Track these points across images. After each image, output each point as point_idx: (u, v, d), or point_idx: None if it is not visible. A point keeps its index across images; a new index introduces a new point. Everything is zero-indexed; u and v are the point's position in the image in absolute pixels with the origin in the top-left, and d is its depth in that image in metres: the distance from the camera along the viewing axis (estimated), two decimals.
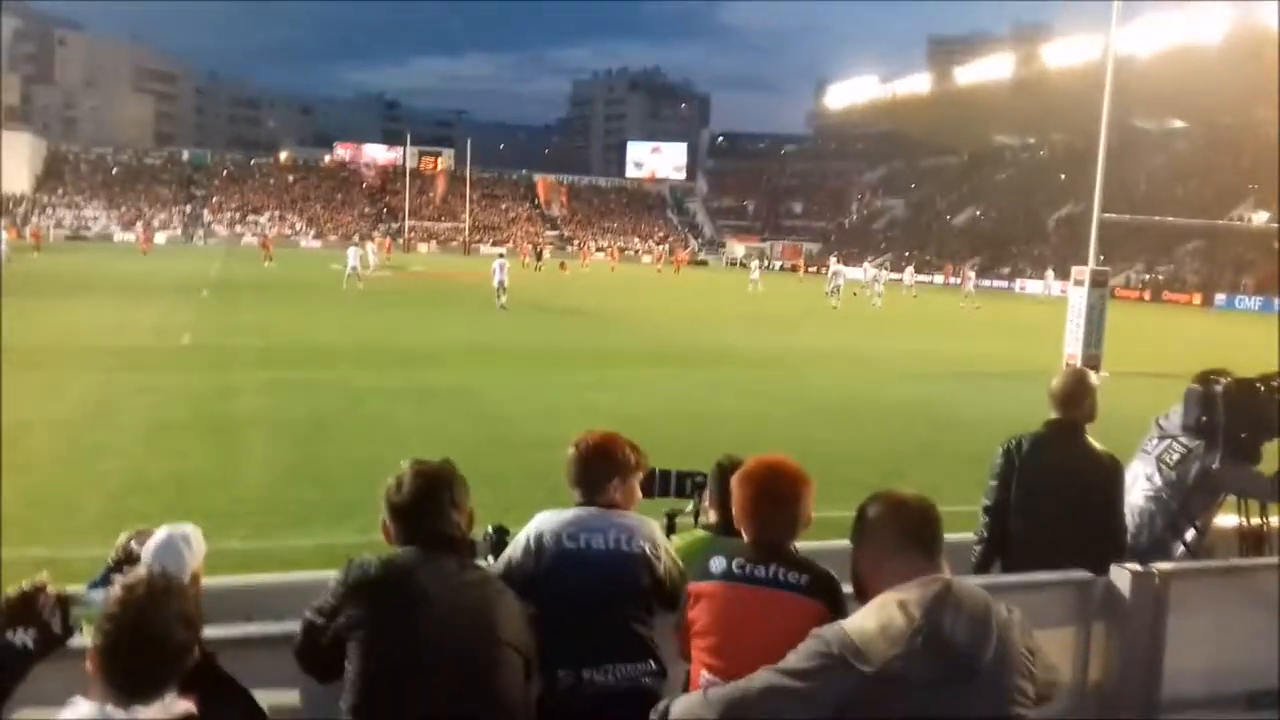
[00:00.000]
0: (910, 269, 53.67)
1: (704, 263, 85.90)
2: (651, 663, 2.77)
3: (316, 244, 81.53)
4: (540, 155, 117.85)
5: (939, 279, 63.20)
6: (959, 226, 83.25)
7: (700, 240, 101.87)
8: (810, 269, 77.41)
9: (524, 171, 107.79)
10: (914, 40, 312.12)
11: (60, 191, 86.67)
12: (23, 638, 2.17)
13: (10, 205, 77.83)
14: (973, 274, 50.21)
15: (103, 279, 34.76)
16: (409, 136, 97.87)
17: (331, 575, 2.48)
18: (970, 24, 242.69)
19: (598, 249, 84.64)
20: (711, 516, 3.32)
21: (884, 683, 2.06)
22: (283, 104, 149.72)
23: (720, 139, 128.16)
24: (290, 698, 2.62)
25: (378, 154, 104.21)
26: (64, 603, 2.26)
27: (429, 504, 2.55)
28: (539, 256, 66.49)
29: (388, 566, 2.46)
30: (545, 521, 2.87)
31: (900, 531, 2.28)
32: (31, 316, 20.71)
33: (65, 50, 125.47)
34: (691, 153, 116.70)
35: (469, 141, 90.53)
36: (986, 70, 75.64)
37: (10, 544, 5.98)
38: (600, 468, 2.95)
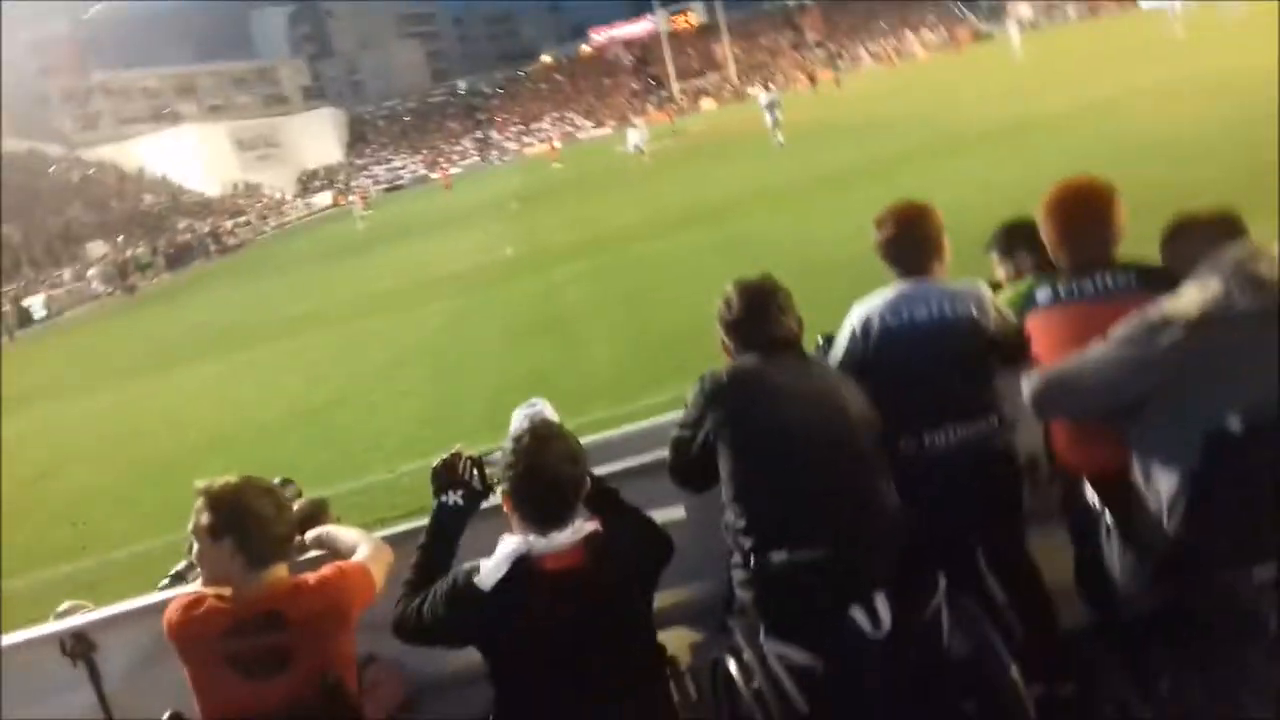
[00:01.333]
0: None
1: (988, 35, 79.40)
2: (995, 419, 2.83)
3: (600, 133, 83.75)
4: None
5: None
6: None
7: (978, 10, 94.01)
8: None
9: (776, 1, 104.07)
10: None
11: (368, 151, 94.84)
12: (453, 497, 2.62)
13: (333, 177, 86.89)
14: None
15: (423, 218, 38.03)
16: (655, 2, 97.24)
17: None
18: None
19: (870, 55, 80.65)
20: (1000, 273, 3.38)
21: (1206, 325, 2.25)
22: (531, 10, 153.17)
23: None
24: (676, 513, 2.92)
25: (629, 29, 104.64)
26: (479, 464, 2.68)
27: (759, 312, 2.73)
28: (812, 81, 64.58)
29: (737, 370, 2.69)
30: (867, 306, 2.93)
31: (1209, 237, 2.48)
32: (389, 263, 23.48)
33: (335, 21, 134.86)
34: None
35: None
36: None
37: (437, 443, 7.15)
38: (912, 239, 2.94)
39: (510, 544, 2.30)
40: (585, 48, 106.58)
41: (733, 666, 2.50)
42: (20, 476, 11.58)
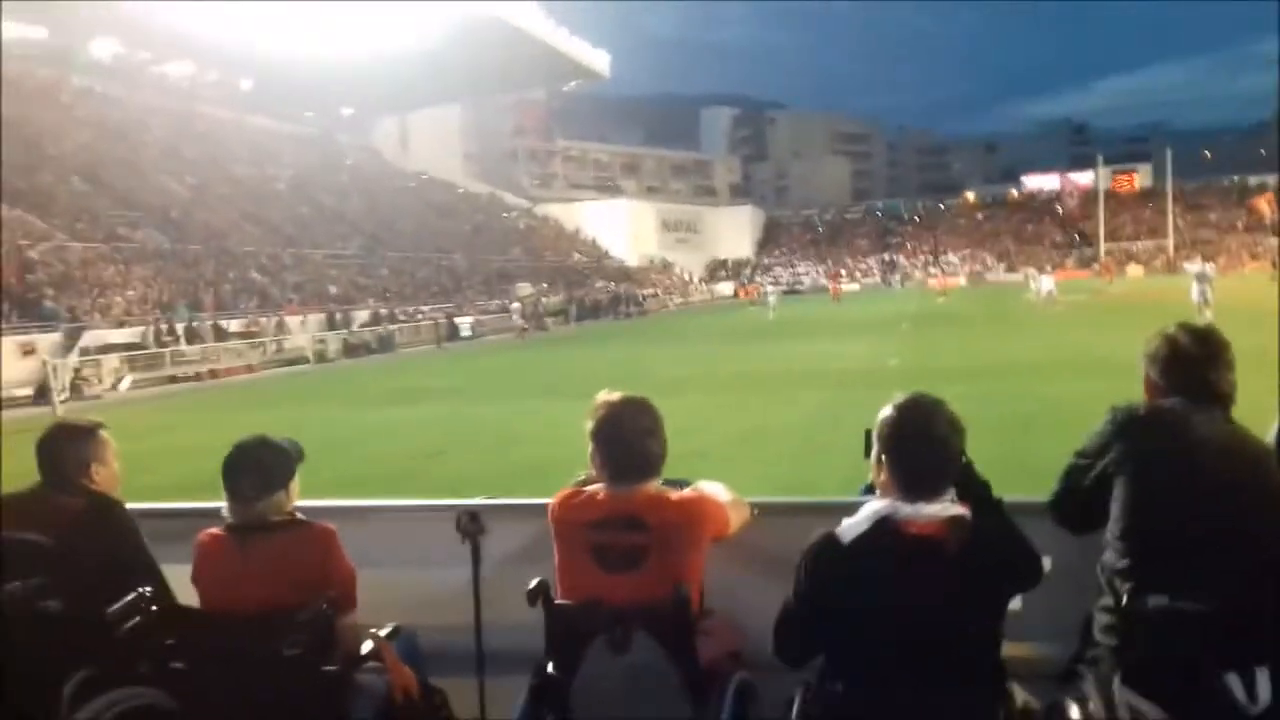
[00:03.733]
0: None
1: None
2: None
3: (1008, 277, 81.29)
4: (1254, 157, 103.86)
5: None
6: None
7: None
8: None
9: (1234, 178, 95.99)
10: None
11: (777, 252, 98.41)
12: None
13: (738, 269, 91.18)
14: None
15: (814, 321, 38.84)
16: (1100, 158, 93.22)
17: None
18: None
19: None
20: None
21: None
22: (967, 146, 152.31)
23: None
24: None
25: (1066, 180, 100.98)
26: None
27: (1205, 360, 2.59)
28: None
29: (1156, 408, 2.58)
30: None
31: None
32: (773, 351, 24.24)
33: (774, 128, 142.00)
34: None
35: (1168, 152, 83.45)
36: None
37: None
38: None
39: (875, 504, 2.35)
40: (1014, 192, 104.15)
41: (1074, 712, 2.36)
42: (415, 451, 13.44)
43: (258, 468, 2.81)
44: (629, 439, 2.70)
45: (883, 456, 2.39)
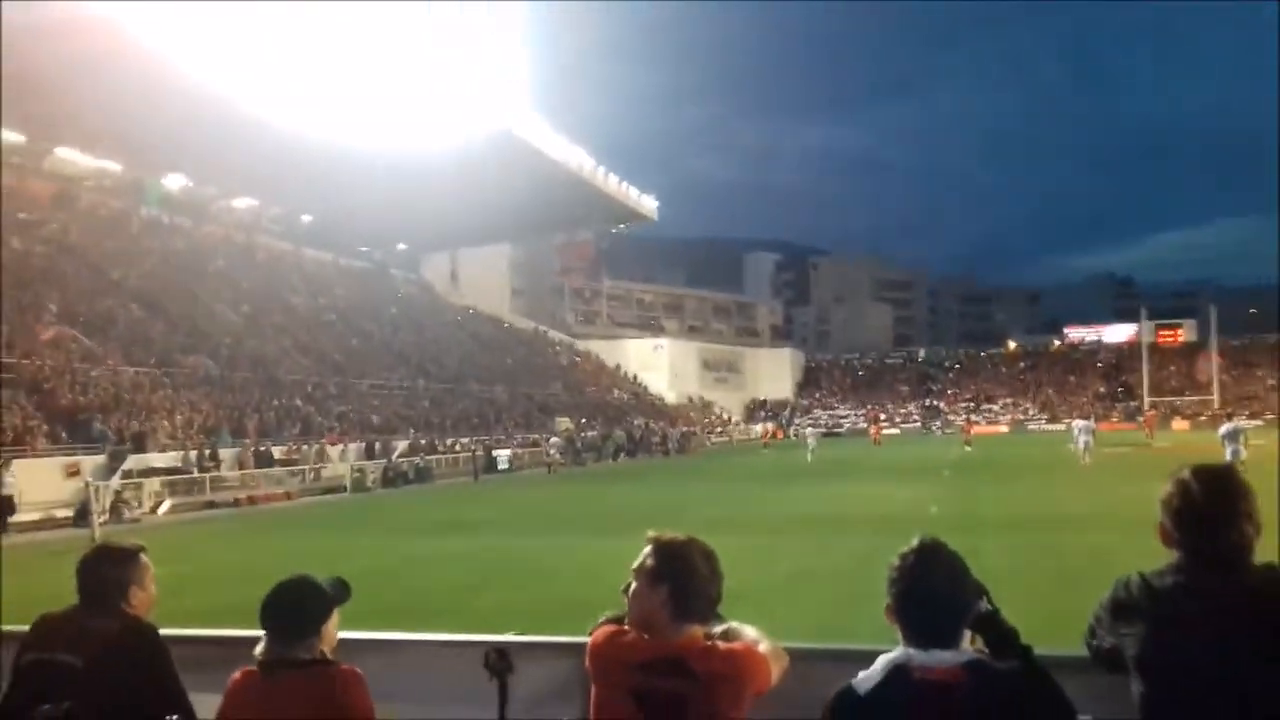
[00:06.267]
0: None
1: None
2: None
3: (1052, 427, 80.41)
4: None
5: None
6: None
7: None
8: None
9: None
10: None
11: (817, 395, 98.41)
12: None
13: (778, 410, 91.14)
14: None
15: (854, 465, 38.50)
16: (1144, 311, 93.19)
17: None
18: None
19: None
20: None
21: None
22: (1010, 296, 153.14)
23: None
24: None
25: (1112, 333, 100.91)
26: None
27: (1223, 513, 2.46)
28: None
29: (1159, 582, 2.49)
30: None
31: None
32: (812, 493, 24.03)
33: (817, 273, 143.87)
34: None
35: (1213, 309, 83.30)
36: None
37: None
38: None
39: (890, 655, 2.33)
40: (1057, 342, 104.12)
41: None
42: (452, 584, 13.40)
43: (295, 609, 2.81)
44: (689, 580, 2.64)
45: (890, 605, 2.37)
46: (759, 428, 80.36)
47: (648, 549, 2.69)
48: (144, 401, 32.32)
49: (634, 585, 2.70)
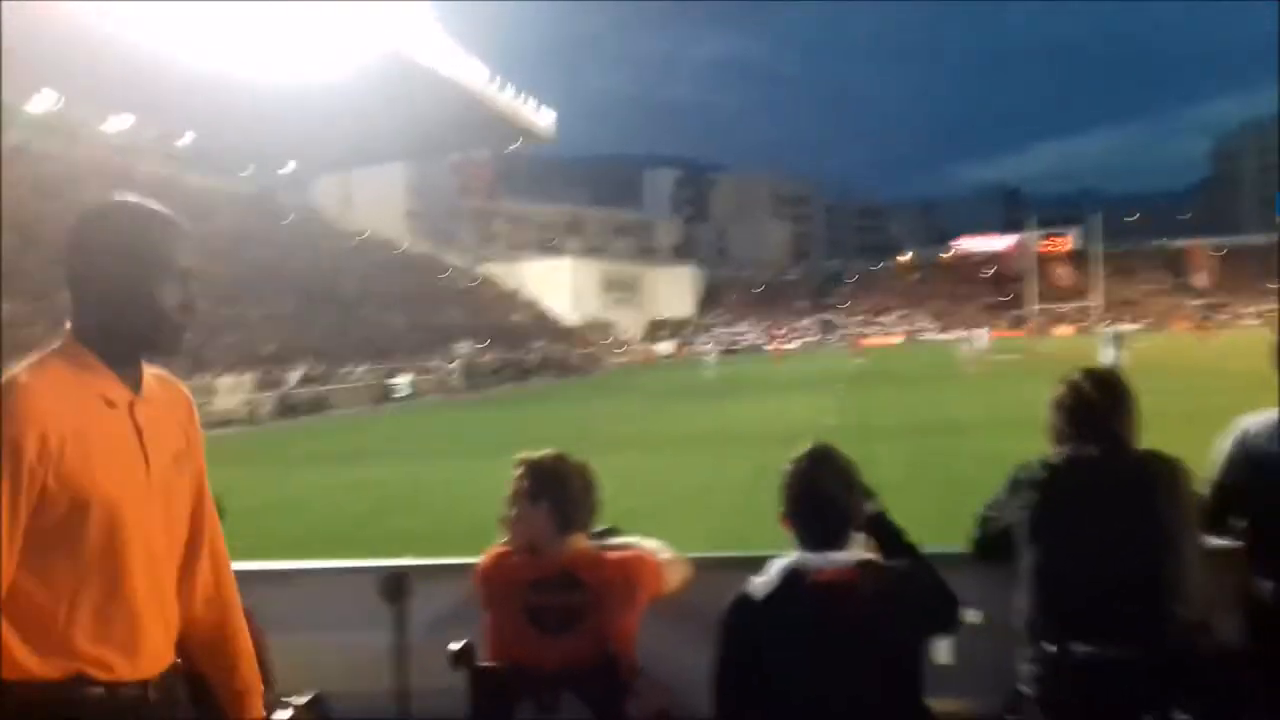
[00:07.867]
0: None
1: None
2: None
3: (943, 337, 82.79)
4: (1177, 222, 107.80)
5: None
6: None
7: None
8: None
9: (1163, 240, 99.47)
10: None
11: (717, 313, 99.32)
12: None
13: (679, 329, 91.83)
14: None
15: (753, 381, 39.13)
16: (1035, 221, 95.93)
17: None
18: None
19: (1257, 315, 74.41)
20: None
21: None
22: (904, 209, 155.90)
23: None
24: (973, 617, 2.71)
25: (998, 242, 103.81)
26: None
27: (1109, 406, 2.64)
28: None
29: (1053, 464, 2.66)
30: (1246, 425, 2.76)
31: None
32: (711, 411, 24.34)
33: (716, 190, 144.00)
34: None
35: (1096, 218, 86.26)
36: None
37: None
38: None
39: (784, 559, 2.40)
40: (946, 254, 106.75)
41: None
42: (352, 513, 13.31)
43: None
44: (567, 493, 2.65)
45: (784, 511, 2.44)
46: (662, 346, 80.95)
47: (519, 471, 2.68)
48: (25, 339, 30.85)
49: (514, 511, 2.69)
